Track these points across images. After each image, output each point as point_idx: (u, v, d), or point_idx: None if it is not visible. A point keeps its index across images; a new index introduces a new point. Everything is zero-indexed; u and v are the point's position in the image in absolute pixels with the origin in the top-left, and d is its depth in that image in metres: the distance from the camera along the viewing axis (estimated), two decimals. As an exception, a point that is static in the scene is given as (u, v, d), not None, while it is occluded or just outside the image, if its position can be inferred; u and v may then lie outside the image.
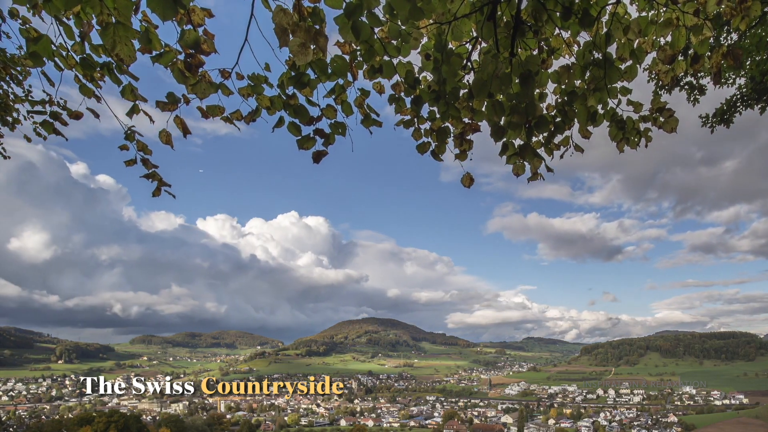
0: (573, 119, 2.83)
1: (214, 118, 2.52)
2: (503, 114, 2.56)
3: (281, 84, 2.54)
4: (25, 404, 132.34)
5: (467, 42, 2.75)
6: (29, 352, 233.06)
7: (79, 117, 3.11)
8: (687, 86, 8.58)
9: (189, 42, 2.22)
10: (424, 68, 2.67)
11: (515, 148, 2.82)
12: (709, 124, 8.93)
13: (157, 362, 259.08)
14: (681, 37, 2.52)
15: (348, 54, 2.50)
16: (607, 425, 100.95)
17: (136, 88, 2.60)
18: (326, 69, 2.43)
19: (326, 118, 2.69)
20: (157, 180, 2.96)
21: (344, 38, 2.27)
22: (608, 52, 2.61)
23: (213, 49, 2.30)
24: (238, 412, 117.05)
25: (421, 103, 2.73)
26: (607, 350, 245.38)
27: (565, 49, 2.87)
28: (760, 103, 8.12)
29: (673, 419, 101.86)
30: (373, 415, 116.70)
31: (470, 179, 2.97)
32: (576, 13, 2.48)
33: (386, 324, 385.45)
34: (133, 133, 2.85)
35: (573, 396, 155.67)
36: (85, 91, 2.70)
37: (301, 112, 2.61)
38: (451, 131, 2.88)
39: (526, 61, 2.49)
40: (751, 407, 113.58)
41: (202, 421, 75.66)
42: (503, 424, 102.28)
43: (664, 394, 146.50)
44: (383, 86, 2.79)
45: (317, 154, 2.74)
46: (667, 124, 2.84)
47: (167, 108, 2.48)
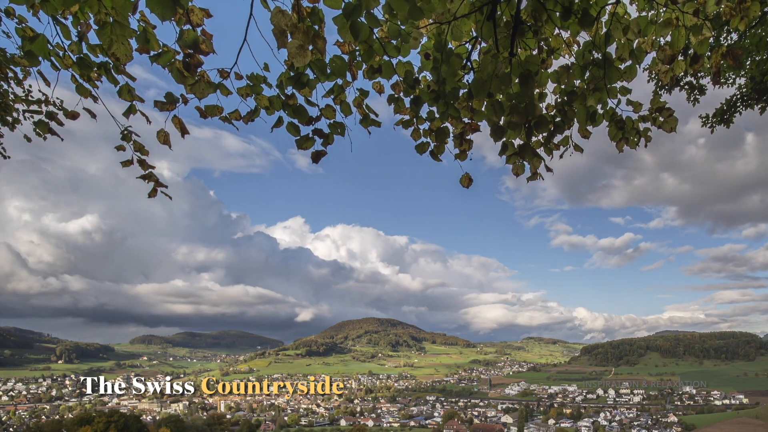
0: (572, 119, 2.83)
1: (212, 117, 2.52)
2: (503, 114, 2.56)
3: (280, 84, 2.53)
4: (25, 404, 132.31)
5: (467, 42, 2.74)
6: (29, 352, 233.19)
7: (76, 117, 3.10)
8: (687, 86, 8.57)
9: (188, 42, 2.21)
10: (424, 68, 2.66)
11: (515, 148, 2.82)
12: (709, 124, 8.94)
13: (157, 362, 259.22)
14: (680, 37, 2.52)
15: (347, 54, 2.50)
16: (607, 425, 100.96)
17: (133, 89, 2.59)
18: (325, 69, 2.41)
19: (325, 118, 2.68)
20: (154, 181, 2.95)
21: (343, 38, 2.26)
22: (608, 52, 2.60)
23: (211, 49, 2.29)
24: (238, 412, 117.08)
25: (421, 103, 2.72)
26: (607, 350, 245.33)
27: (564, 49, 2.86)
28: (760, 103, 8.12)
29: (673, 419, 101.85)
30: (373, 415, 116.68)
31: (469, 179, 2.96)
32: (576, 13, 2.48)
33: (386, 324, 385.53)
34: (129, 133, 2.84)
35: (573, 396, 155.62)
36: (82, 91, 2.69)
37: (300, 112, 2.61)
38: (450, 131, 2.87)
39: (525, 61, 2.49)
40: (751, 407, 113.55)
41: (202, 421, 75.62)
42: (503, 424, 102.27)
43: (664, 394, 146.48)
44: (382, 86, 2.78)
45: (316, 154, 2.73)
46: (667, 124, 2.84)
47: (166, 108, 2.47)
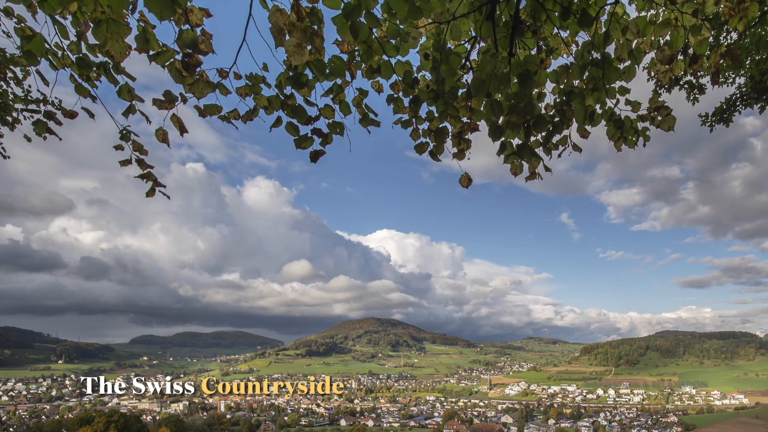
0: (571, 119, 2.83)
1: (211, 117, 2.51)
2: (502, 113, 2.56)
3: (279, 84, 2.52)
4: (25, 404, 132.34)
5: (466, 41, 2.74)
6: (29, 352, 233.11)
7: (74, 116, 3.10)
8: (686, 85, 8.58)
9: (187, 42, 2.21)
10: (423, 68, 2.66)
11: (513, 148, 2.82)
12: (708, 123, 8.95)
13: (157, 362, 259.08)
14: (680, 37, 2.52)
15: (346, 54, 2.49)
16: (607, 425, 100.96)
17: (132, 89, 2.59)
18: (324, 69, 2.41)
19: (324, 118, 2.68)
20: (152, 180, 2.95)
21: (342, 38, 2.26)
22: (607, 52, 2.60)
23: (211, 49, 2.28)
24: (238, 412, 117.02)
25: (420, 102, 2.72)
26: (607, 350, 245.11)
27: (563, 49, 2.86)
28: (760, 102, 8.12)
29: (673, 419, 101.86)
30: (373, 415, 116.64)
31: (468, 179, 2.96)
32: (575, 12, 2.48)
33: (386, 324, 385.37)
34: (128, 133, 2.84)
35: (573, 396, 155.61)
36: (81, 90, 2.69)
37: (299, 112, 2.60)
38: (449, 131, 2.87)
39: (524, 60, 2.49)
40: (751, 407, 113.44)
41: (202, 421, 75.62)
42: (503, 424, 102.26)
43: (664, 394, 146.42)
44: (382, 86, 2.77)
45: (315, 153, 2.73)
46: (665, 123, 2.83)
47: (164, 106, 2.47)
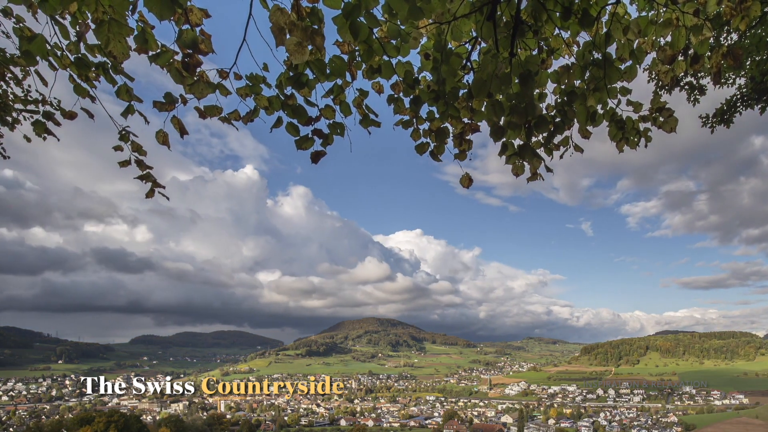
0: (572, 119, 2.82)
1: (211, 118, 2.51)
2: (503, 114, 2.55)
3: (279, 84, 2.51)
4: (25, 404, 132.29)
5: (467, 42, 2.73)
6: (29, 352, 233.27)
7: (73, 117, 3.08)
8: (687, 86, 8.57)
9: (186, 42, 2.20)
10: (424, 68, 2.65)
11: (515, 148, 2.81)
12: (709, 124, 8.93)
13: (157, 362, 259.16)
14: (681, 38, 2.51)
15: (346, 54, 2.48)
16: (607, 425, 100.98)
17: (131, 89, 2.58)
18: (325, 69, 2.40)
19: (324, 119, 2.67)
20: (151, 181, 2.94)
21: (343, 38, 2.25)
22: (608, 53, 2.59)
23: (210, 49, 2.28)
24: (238, 412, 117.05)
25: (420, 103, 2.71)
26: (607, 350, 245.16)
27: (564, 49, 2.85)
28: (761, 103, 8.11)
29: (673, 419, 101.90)
30: (373, 415, 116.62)
31: (469, 179, 2.95)
32: (576, 13, 2.47)
33: (386, 324, 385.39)
34: (127, 133, 2.83)
35: (573, 396, 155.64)
36: (80, 90, 2.68)
37: (300, 113, 2.59)
38: (450, 131, 2.86)
39: (525, 61, 2.48)
40: (751, 407, 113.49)
41: (202, 421, 75.62)
42: (503, 424, 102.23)
43: (664, 394, 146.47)
44: (382, 86, 2.77)
45: (315, 154, 2.72)
46: (667, 124, 2.83)
47: (165, 108, 2.46)
